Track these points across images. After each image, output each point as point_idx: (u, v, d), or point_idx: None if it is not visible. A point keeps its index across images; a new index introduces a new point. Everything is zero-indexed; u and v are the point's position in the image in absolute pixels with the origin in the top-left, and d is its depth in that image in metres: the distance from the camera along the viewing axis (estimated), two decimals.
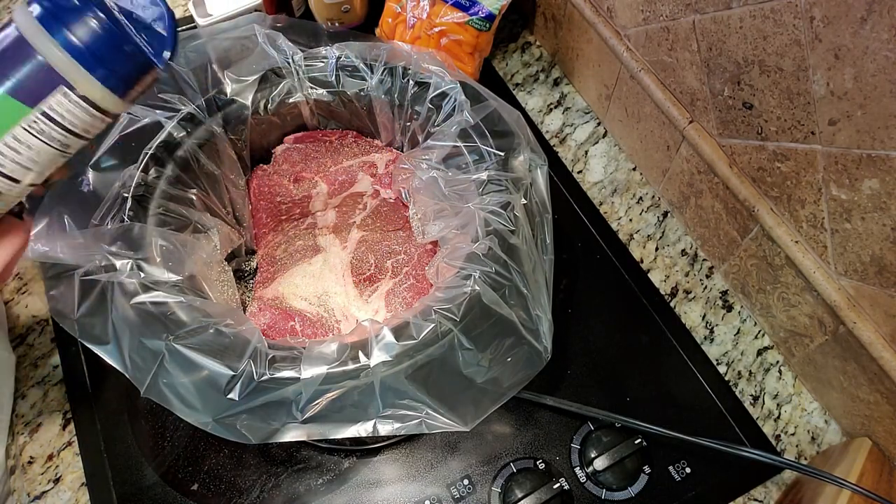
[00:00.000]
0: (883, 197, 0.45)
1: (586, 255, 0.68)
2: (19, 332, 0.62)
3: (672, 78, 0.62)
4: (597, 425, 0.57)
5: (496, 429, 0.58)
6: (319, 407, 0.40)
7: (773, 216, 0.56)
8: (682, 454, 0.57)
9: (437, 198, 0.52)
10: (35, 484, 0.55)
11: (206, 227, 0.54)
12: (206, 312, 0.44)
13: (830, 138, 0.47)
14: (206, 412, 0.40)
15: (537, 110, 0.79)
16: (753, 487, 0.57)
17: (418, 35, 0.73)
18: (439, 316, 0.43)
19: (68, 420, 0.58)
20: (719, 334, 0.64)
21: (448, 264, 0.48)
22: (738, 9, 0.50)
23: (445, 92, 0.55)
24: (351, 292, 0.57)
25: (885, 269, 0.48)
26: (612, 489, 0.55)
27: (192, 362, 0.40)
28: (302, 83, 0.58)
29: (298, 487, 0.55)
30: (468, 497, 0.55)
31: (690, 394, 0.60)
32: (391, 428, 0.40)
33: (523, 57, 0.84)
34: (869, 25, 0.41)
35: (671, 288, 0.67)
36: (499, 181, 0.50)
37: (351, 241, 0.60)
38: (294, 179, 0.62)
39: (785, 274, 0.58)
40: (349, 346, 0.42)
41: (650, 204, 0.72)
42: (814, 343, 0.58)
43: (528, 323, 0.45)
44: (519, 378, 0.44)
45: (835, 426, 0.60)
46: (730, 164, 0.59)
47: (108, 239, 0.45)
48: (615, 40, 0.67)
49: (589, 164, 0.75)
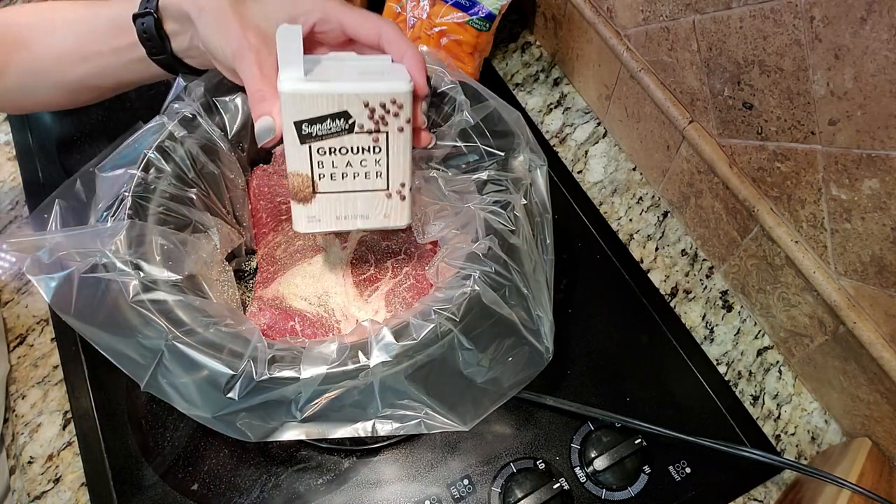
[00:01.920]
0: (883, 197, 0.45)
1: (586, 255, 0.68)
2: (19, 332, 0.62)
3: (672, 78, 0.62)
4: (597, 425, 0.57)
5: (496, 429, 0.58)
6: (319, 406, 0.40)
7: (773, 216, 0.56)
8: (682, 454, 0.57)
9: (437, 198, 0.52)
10: (35, 484, 0.55)
11: (206, 227, 0.54)
12: (206, 312, 0.44)
13: (830, 138, 0.47)
14: (206, 409, 0.40)
15: (537, 110, 0.79)
16: (753, 487, 0.57)
17: (418, 35, 0.73)
18: (439, 316, 0.42)
19: (68, 420, 0.58)
20: (719, 334, 0.64)
21: (448, 264, 0.48)
22: (738, 9, 0.50)
23: (445, 92, 0.55)
24: (351, 292, 0.57)
25: (885, 269, 0.48)
26: (612, 489, 0.55)
27: (192, 361, 0.40)
28: None
29: (298, 487, 0.55)
30: (468, 497, 0.55)
31: (690, 394, 0.60)
32: (390, 428, 0.41)
33: (523, 57, 0.84)
34: (869, 25, 0.41)
35: (671, 288, 0.67)
36: (499, 181, 0.50)
37: (351, 240, 0.60)
38: None
39: (785, 274, 0.58)
40: (349, 346, 0.42)
41: (650, 204, 0.72)
42: (814, 343, 0.58)
43: (529, 323, 0.45)
44: (520, 378, 0.44)
45: (835, 426, 0.60)
46: (730, 164, 0.59)
47: (108, 238, 0.45)
48: (615, 40, 0.67)
49: (589, 164, 0.75)
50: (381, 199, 0.46)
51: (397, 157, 0.45)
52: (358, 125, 0.42)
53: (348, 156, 0.44)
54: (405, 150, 0.45)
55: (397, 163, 0.45)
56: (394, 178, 0.45)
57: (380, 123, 0.43)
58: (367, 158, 0.44)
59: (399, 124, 0.43)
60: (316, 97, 0.41)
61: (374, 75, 0.43)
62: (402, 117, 0.43)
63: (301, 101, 0.41)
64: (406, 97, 0.42)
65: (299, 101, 0.41)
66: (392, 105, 0.42)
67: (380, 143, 0.44)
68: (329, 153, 0.43)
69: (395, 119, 0.43)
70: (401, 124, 0.43)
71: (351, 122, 0.42)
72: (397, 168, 0.45)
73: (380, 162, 0.44)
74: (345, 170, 0.44)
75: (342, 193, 0.45)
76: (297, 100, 0.41)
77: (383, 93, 0.42)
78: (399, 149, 0.44)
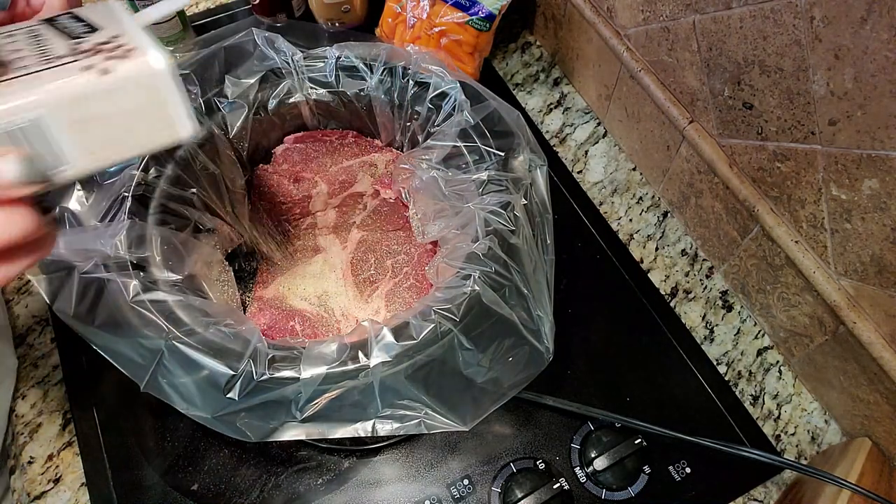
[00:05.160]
0: (883, 197, 0.45)
1: (586, 255, 0.68)
2: (19, 332, 0.62)
3: (672, 78, 0.62)
4: (597, 425, 0.57)
5: (496, 429, 0.58)
6: (319, 406, 0.40)
7: (773, 216, 0.56)
8: (682, 454, 0.57)
9: (437, 198, 0.52)
10: (35, 484, 0.55)
11: (206, 227, 0.54)
12: (206, 312, 0.44)
13: (830, 138, 0.47)
14: (206, 409, 0.40)
15: (537, 110, 0.79)
16: (753, 487, 0.57)
17: (418, 35, 0.73)
18: (439, 316, 0.42)
19: (68, 420, 0.58)
20: (719, 334, 0.64)
21: (448, 264, 0.48)
22: (738, 9, 0.50)
23: (445, 92, 0.55)
24: (351, 292, 0.57)
25: (885, 269, 0.48)
26: (612, 489, 0.55)
27: (192, 361, 0.40)
28: (302, 83, 0.58)
29: (298, 487, 0.55)
30: (468, 497, 0.55)
31: (690, 394, 0.60)
32: (390, 428, 0.40)
33: (523, 57, 0.84)
34: (869, 25, 0.41)
35: (671, 288, 0.67)
36: (499, 181, 0.50)
37: (351, 241, 0.61)
38: (294, 179, 0.62)
39: (785, 274, 0.58)
40: (349, 346, 0.42)
41: (650, 204, 0.72)
42: (814, 343, 0.58)
43: (529, 323, 0.45)
44: (520, 378, 0.44)
45: (835, 426, 0.60)
46: (730, 164, 0.59)
47: (108, 238, 0.45)
48: (615, 40, 0.67)
49: (589, 164, 0.75)
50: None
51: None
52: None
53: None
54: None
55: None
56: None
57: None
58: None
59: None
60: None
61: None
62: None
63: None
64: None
65: None
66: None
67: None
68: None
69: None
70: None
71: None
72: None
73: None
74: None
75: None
76: None
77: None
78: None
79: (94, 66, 0.29)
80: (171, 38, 0.77)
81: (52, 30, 0.32)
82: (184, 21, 0.78)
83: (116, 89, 0.29)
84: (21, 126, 0.27)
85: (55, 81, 0.28)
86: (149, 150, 0.32)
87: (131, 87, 0.29)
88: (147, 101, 0.30)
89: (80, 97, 0.28)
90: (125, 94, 0.29)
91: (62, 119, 0.28)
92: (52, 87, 0.28)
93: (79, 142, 0.29)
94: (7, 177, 0.26)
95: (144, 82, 0.29)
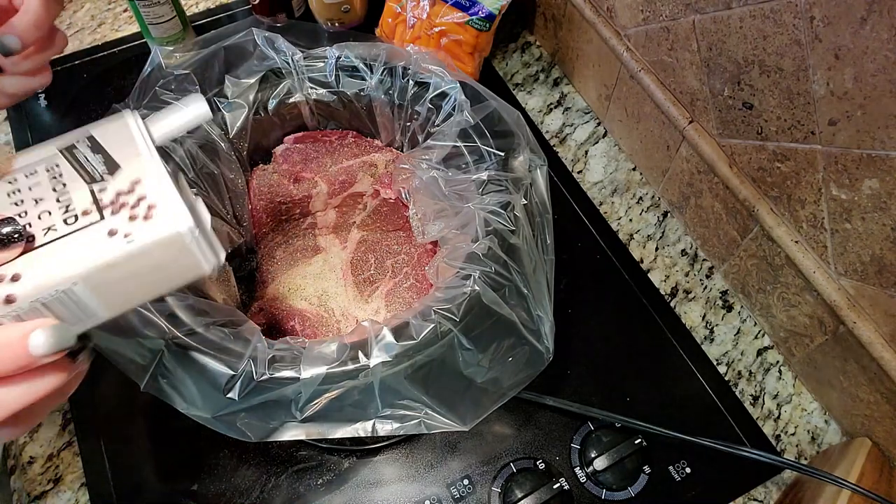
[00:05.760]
0: (883, 197, 0.45)
1: (586, 255, 0.68)
2: None
3: (672, 78, 0.62)
4: (597, 425, 0.57)
5: (496, 429, 0.58)
6: (319, 406, 0.40)
7: (773, 216, 0.56)
8: (682, 454, 0.57)
9: (437, 198, 0.52)
10: (35, 484, 0.55)
11: None
12: (206, 312, 0.44)
13: (830, 138, 0.47)
14: (206, 409, 0.40)
15: (537, 110, 0.79)
16: (753, 487, 0.57)
17: (418, 35, 0.73)
18: (439, 316, 0.42)
19: (68, 420, 0.58)
20: (719, 334, 0.64)
21: (448, 264, 0.48)
22: (738, 9, 0.50)
23: (445, 92, 0.55)
24: (351, 292, 0.57)
25: (885, 269, 0.48)
26: (612, 489, 0.55)
27: (192, 361, 0.40)
28: (302, 83, 0.58)
29: (298, 487, 0.55)
30: (468, 497, 0.55)
31: (690, 394, 0.60)
32: (390, 428, 0.40)
33: (523, 57, 0.84)
34: (869, 25, 0.41)
35: (671, 288, 0.67)
36: (499, 181, 0.50)
37: (351, 241, 0.61)
38: (294, 179, 0.62)
39: (785, 274, 0.58)
40: (349, 346, 0.42)
41: (650, 204, 0.72)
42: (814, 343, 0.58)
43: (529, 323, 0.45)
44: (520, 378, 0.44)
45: (835, 426, 0.60)
46: (730, 164, 0.59)
47: None
48: (615, 40, 0.67)
49: (589, 164, 0.75)
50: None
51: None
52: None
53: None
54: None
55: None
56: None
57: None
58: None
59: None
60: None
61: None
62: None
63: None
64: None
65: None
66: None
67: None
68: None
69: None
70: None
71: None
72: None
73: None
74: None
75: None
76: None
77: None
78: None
79: (119, 230, 0.29)
80: (171, 39, 0.77)
81: (70, 165, 0.32)
82: (184, 21, 0.78)
83: (142, 254, 0.29)
84: (50, 298, 0.28)
85: (83, 252, 0.29)
86: (174, 289, 0.33)
87: (157, 251, 0.30)
88: (172, 257, 0.30)
89: (107, 266, 0.29)
90: (151, 257, 0.30)
91: (90, 285, 0.29)
92: (81, 260, 0.28)
93: (105, 299, 0.30)
94: (38, 352, 0.26)
95: (169, 243, 0.30)
